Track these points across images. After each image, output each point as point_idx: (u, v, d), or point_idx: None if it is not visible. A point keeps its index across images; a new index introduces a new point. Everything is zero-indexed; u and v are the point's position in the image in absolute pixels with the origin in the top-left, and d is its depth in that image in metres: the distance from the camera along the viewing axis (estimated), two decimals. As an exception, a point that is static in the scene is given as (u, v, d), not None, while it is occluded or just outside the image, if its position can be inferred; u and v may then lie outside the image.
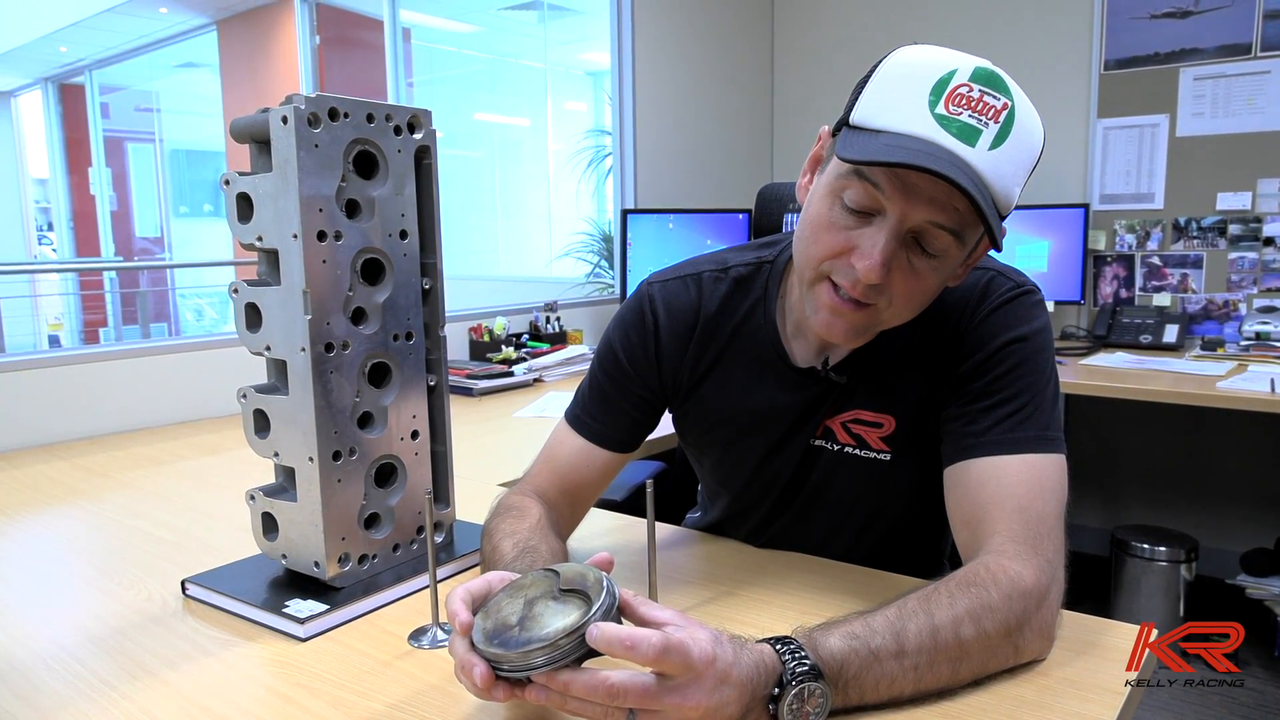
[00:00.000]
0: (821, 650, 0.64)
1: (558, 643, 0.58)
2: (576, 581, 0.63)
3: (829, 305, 0.81)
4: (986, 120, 0.72)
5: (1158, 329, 2.76)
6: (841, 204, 0.78)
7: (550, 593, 0.64)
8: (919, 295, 0.80)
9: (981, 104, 0.73)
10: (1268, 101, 2.67)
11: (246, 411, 0.90)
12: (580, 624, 0.58)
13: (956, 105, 0.73)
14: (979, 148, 0.72)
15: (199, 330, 6.87)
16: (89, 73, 8.00)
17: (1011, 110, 0.73)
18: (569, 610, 0.61)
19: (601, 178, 4.42)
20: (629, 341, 0.99)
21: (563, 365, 2.39)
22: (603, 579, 0.62)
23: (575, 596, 0.63)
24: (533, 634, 0.60)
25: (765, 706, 0.61)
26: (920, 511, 1.01)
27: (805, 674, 0.61)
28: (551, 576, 0.65)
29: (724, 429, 1.00)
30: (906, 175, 0.73)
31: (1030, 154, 0.76)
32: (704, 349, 0.98)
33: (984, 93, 0.73)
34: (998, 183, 0.73)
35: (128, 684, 0.75)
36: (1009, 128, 0.73)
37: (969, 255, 0.83)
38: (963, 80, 0.73)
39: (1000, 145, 0.73)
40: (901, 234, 0.76)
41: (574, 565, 0.65)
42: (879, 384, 0.92)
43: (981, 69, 0.74)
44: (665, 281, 1.00)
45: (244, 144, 0.88)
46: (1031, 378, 0.83)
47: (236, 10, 6.87)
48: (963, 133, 0.72)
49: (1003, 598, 0.70)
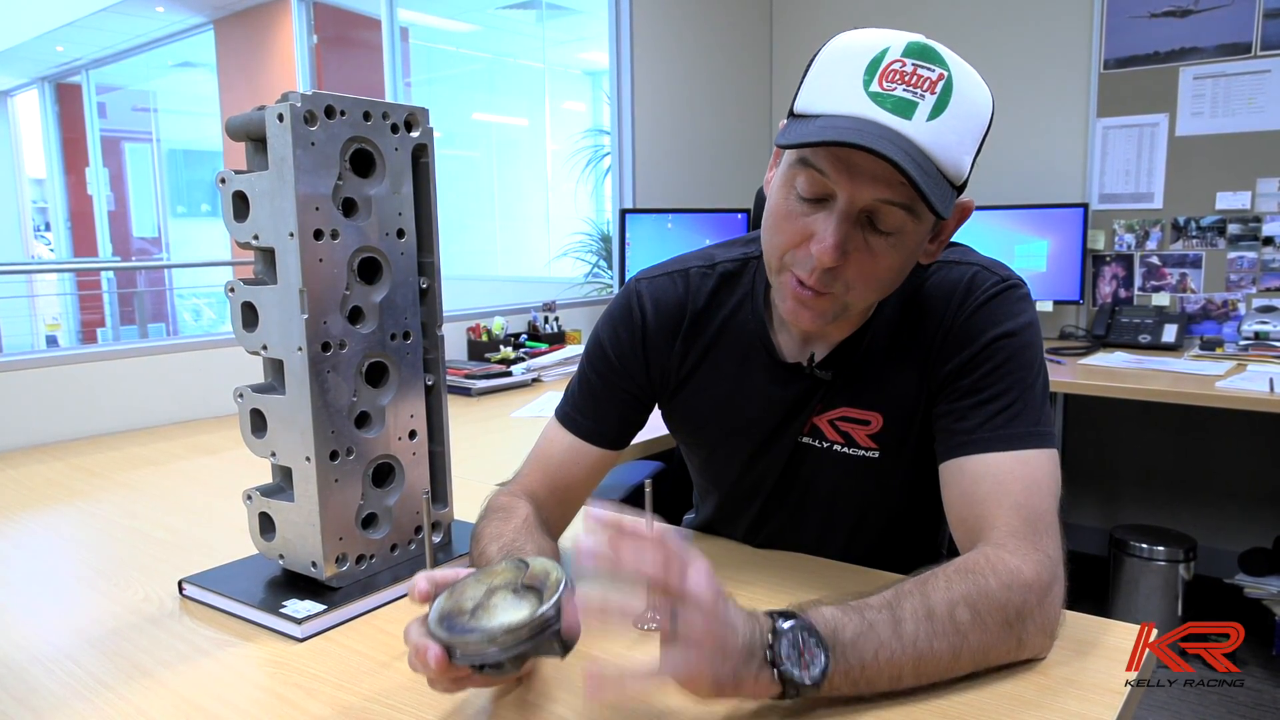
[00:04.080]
0: (812, 613, 0.65)
1: (498, 638, 0.59)
2: (539, 578, 0.64)
3: (793, 295, 0.82)
4: (922, 93, 0.73)
5: (1156, 329, 2.76)
6: (795, 193, 0.79)
7: (513, 584, 0.65)
8: (879, 275, 0.79)
9: (915, 77, 0.73)
10: (1267, 101, 2.67)
11: (243, 411, 0.89)
12: (520, 625, 0.59)
13: (890, 81, 0.73)
14: (916, 120, 0.72)
15: (197, 330, 6.86)
16: (86, 72, 7.99)
17: (949, 80, 0.73)
18: (520, 607, 0.62)
19: (600, 177, 4.42)
20: (617, 338, 0.99)
21: (561, 365, 2.38)
22: (561, 580, 0.63)
23: (533, 594, 0.64)
24: (479, 624, 0.61)
25: (764, 654, 0.61)
26: (914, 509, 1.00)
27: (796, 623, 0.62)
28: (520, 568, 0.66)
29: (712, 425, 1.00)
30: (848, 156, 0.74)
31: (976, 121, 0.76)
32: (691, 344, 0.98)
33: (917, 66, 0.73)
34: (941, 153, 0.73)
35: (124, 685, 0.74)
36: (947, 97, 0.73)
37: (936, 231, 0.83)
38: (895, 56, 0.74)
39: (939, 115, 0.73)
40: (853, 215, 0.76)
41: (545, 561, 0.66)
42: (866, 381, 0.92)
43: (914, 43, 0.74)
44: (653, 278, 1.00)
45: (240, 142, 0.87)
46: (1020, 373, 0.83)
47: (233, 9, 6.86)
48: (898, 107, 0.73)
49: (1000, 586, 0.70)
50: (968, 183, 0.78)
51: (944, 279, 0.88)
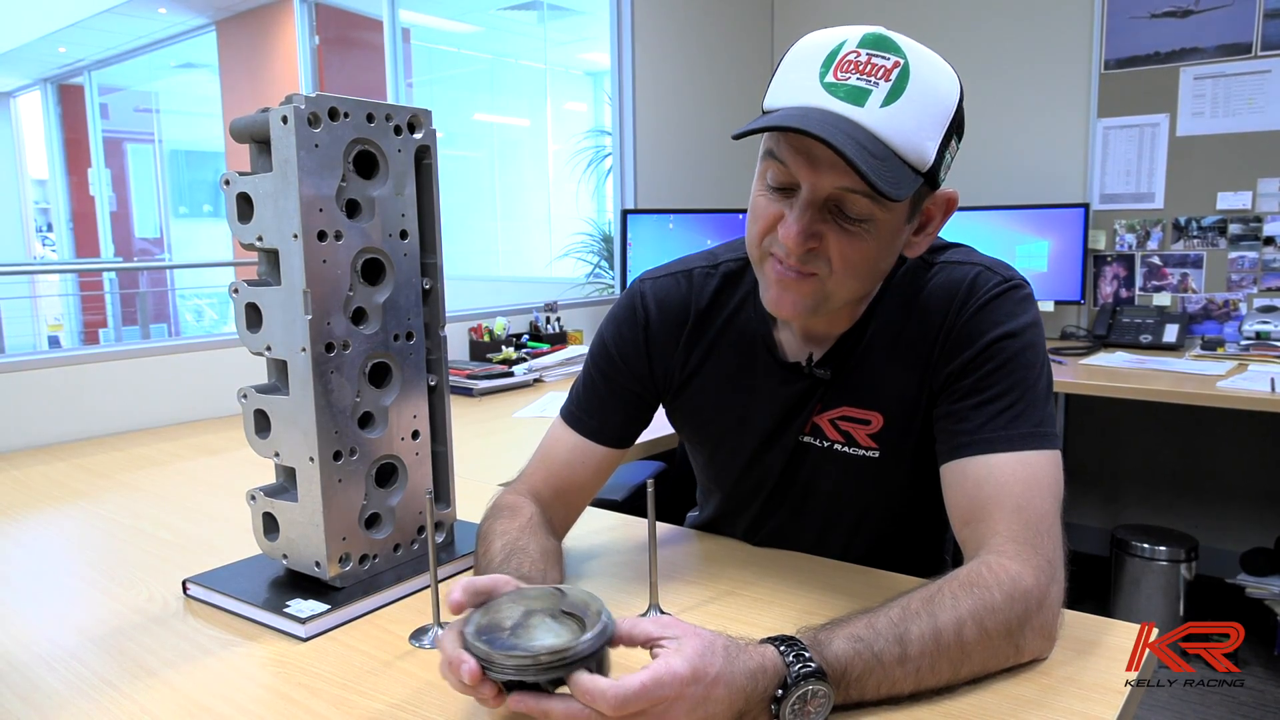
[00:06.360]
0: (826, 653, 0.64)
1: (539, 658, 0.59)
2: (579, 607, 0.64)
3: (776, 279, 0.82)
4: (876, 80, 0.74)
5: (1158, 329, 2.76)
6: (767, 185, 0.81)
7: (552, 609, 0.65)
8: (858, 261, 0.80)
9: (870, 66, 0.75)
10: (1268, 101, 2.67)
11: (247, 412, 0.90)
12: (564, 648, 0.59)
13: (845, 71, 0.75)
14: (869, 106, 0.74)
15: (199, 331, 6.87)
16: (88, 73, 7.99)
17: (904, 68, 0.74)
18: (561, 632, 0.62)
19: (601, 178, 4.42)
20: (621, 338, 1.00)
21: (563, 365, 2.39)
22: (603, 613, 0.62)
23: (573, 620, 0.64)
24: (520, 641, 0.61)
25: (767, 707, 0.61)
26: (915, 510, 1.01)
27: (809, 676, 0.62)
28: (558, 595, 0.66)
29: (715, 424, 1.01)
30: (808, 147, 0.75)
31: (937, 106, 0.76)
32: (695, 344, 0.98)
33: (872, 55, 0.75)
34: (897, 137, 0.74)
35: (129, 684, 0.75)
36: (903, 84, 0.74)
37: (921, 223, 0.83)
38: (851, 48, 0.76)
39: (894, 101, 0.74)
40: (817, 203, 0.78)
41: (583, 591, 0.66)
42: (867, 380, 0.92)
43: (870, 34, 0.76)
44: (657, 279, 1.01)
45: (244, 144, 0.88)
46: (1022, 374, 0.83)
47: (236, 10, 6.87)
48: (850, 95, 0.74)
49: (1005, 598, 0.70)
50: (941, 170, 0.78)
51: (947, 279, 0.88)
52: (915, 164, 0.75)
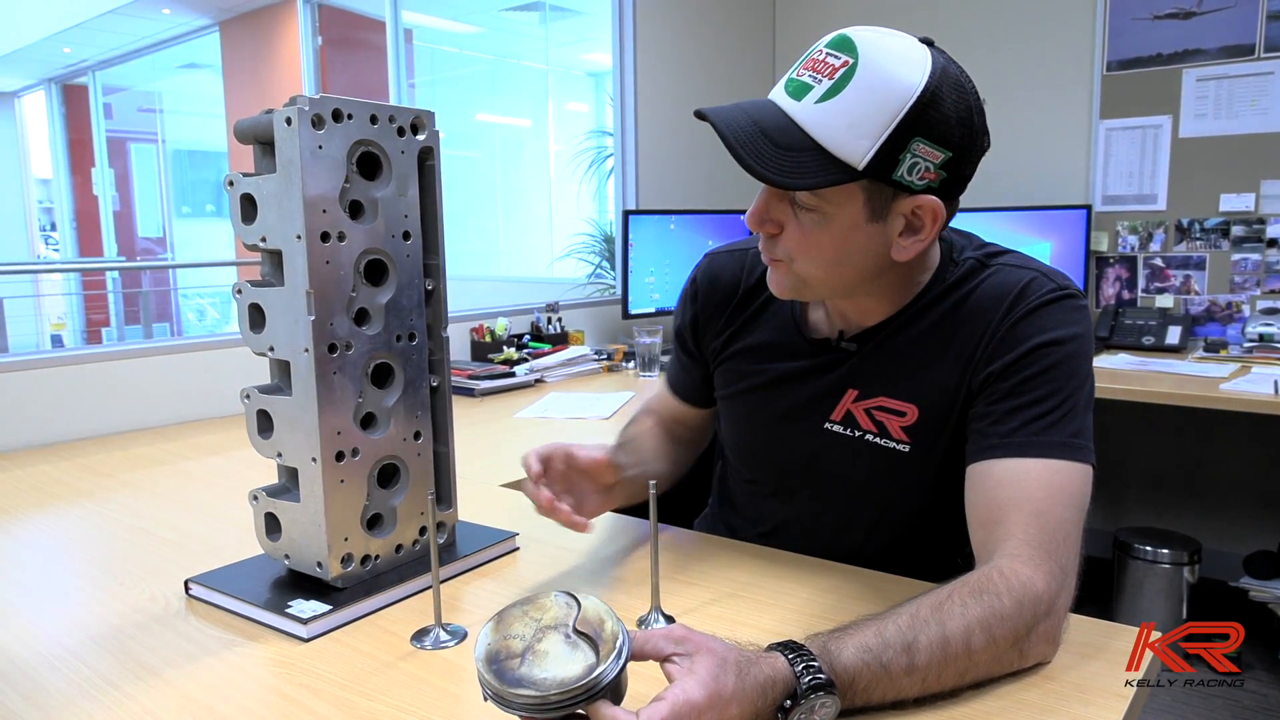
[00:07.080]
0: (836, 664, 0.63)
1: (549, 696, 0.57)
2: (593, 627, 0.61)
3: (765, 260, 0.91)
4: (820, 77, 0.79)
5: (1160, 330, 2.75)
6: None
7: (564, 627, 0.62)
8: (810, 249, 0.85)
9: (823, 64, 0.79)
10: (1271, 103, 2.67)
11: (250, 412, 0.90)
12: (576, 684, 0.57)
13: (805, 68, 0.81)
14: (805, 101, 0.79)
15: (201, 330, 6.88)
16: (92, 73, 8.01)
17: (851, 67, 0.77)
18: (574, 660, 0.59)
19: (603, 178, 4.42)
20: (681, 307, 1.12)
21: (564, 366, 2.39)
22: (619, 634, 0.60)
23: (587, 643, 0.60)
24: (531, 674, 0.58)
25: (774, 715, 0.62)
26: (936, 511, 0.99)
27: (819, 689, 0.61)
28: (572, 607, 0.63)
29: (745, 397, 1.05)
30: None
31: (879, 105, 0.76)
32: (735, 318, 1.05)
33: (829, 54, 0.79)
34: (824, 132, 0.78)
35: (131, 684, 0.75)
36: (844, 82, 0.77)
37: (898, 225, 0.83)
38: (819, 47, 0.81)
39: (832, 98, 0.77)
40: (772, 190, 0.84)
41: (597, 604, 0.63)
42: (905, 372, 0.92)
43: (839, 36, 0.80)
44: (716, 254, 1.10)
45: (248, 145, 0.88)
46: (1063, 382, 0.82)
47: (239, 11, 6.88)
48: (796, 90, 0.80)
49: (1014, 605, 0.70)
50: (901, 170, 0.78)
51: (1000, 281, 0.89)
52: (846, 159, 0.77)
